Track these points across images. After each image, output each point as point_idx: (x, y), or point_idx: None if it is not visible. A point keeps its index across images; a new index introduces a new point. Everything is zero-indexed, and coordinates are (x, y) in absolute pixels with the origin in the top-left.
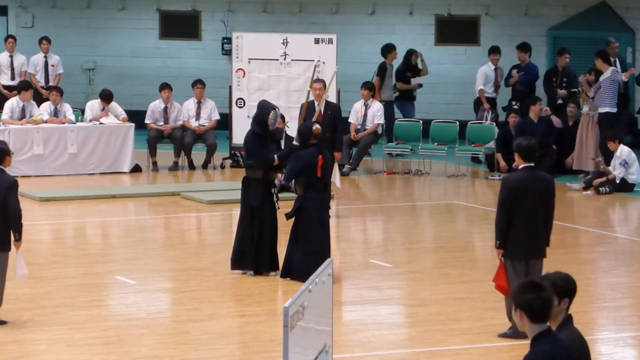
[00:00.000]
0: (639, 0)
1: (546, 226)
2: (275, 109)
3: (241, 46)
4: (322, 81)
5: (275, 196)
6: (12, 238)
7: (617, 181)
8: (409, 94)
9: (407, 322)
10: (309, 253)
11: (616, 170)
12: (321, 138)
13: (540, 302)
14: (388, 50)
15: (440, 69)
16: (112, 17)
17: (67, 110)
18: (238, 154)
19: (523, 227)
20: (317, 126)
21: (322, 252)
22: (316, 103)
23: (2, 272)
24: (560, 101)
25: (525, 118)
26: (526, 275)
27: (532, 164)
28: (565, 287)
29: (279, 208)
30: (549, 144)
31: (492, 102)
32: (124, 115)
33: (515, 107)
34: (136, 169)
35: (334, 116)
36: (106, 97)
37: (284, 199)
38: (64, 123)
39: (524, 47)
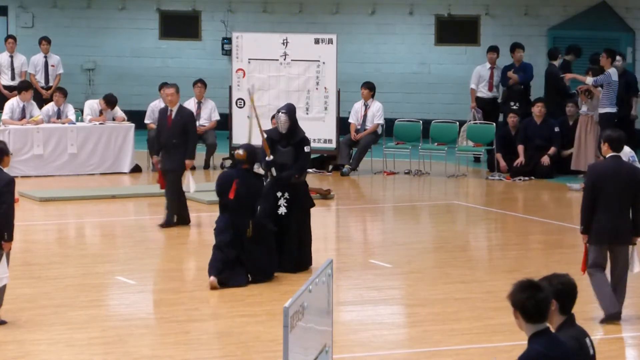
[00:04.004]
0: (639, 0)
1: (636, 214)
2: (280, 112)
3: (241, 46)
4: (174, 86)
5: (284, 200)
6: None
7: None
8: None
9: (407, 322)
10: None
11: None
12: (169, 145)
13: (534, 303)
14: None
15: (440, 69)
16: (112, 17)
17: (70, 110)
18: None
19: (604, 212)
20: (238, 151)
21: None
22: (169, 109)
23: None
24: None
25: (528, 119)
26: (611, 261)
27: (619, 154)
28: (559, 289)
29: (282, 213)
30: (549, 146)
31: (483, 101)
32: (122, 115)
33: (514, 107)
34: (136, 169)
35: (184, 122)
36: (111, 103)
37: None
38: (64, 123)
39: (519, 47)
